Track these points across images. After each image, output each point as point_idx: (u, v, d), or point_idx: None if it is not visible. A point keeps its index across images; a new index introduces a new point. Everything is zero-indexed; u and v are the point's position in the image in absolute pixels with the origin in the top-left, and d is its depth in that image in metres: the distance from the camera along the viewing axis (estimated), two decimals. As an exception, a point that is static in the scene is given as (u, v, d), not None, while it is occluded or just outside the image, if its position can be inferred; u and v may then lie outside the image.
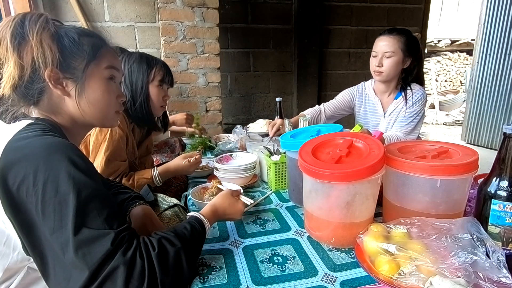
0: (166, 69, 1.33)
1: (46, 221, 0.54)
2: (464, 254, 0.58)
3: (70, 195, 0.54)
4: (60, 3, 2.52)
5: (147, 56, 1.30)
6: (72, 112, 0.71)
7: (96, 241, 0.54)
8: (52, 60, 0.64)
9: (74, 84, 0.68)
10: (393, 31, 1.48)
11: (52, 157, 0.57)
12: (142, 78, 1.26)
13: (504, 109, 4.28)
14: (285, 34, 3.30)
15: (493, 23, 4.37)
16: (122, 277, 0.54)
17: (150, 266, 0.57)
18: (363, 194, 0.75)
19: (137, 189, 1.21)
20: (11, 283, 0.63)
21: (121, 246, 0.56)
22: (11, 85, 0.63)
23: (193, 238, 0.68)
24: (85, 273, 0.53)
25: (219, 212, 0.82)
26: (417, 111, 1.50)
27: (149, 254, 0.58)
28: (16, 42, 0.62)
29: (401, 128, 1.51)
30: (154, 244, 0.60)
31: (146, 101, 1.28)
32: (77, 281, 0.54)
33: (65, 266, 0.55)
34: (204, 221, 0.74)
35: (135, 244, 0.58)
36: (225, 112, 3.20)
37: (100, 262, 0.53)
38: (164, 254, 0.60)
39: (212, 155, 1.71)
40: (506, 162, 0.68)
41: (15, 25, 0.62)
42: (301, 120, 1.39)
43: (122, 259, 0.54)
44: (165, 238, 0.62)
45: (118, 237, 0.56)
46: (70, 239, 0.53)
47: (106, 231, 0.55)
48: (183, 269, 0.62)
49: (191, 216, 0.75)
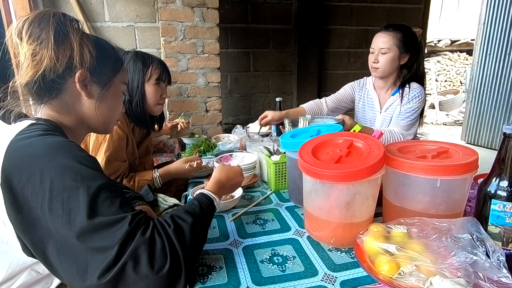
0: (163, 67, 1.32)
1: (54, 216, 0.54)
2: (464, 254, 0.58)
3: (80, 190, 0.55)
4: (60, 3, 2.52)
5: (142, 54, 1.29)
6: (85, 113, 0.74)
7: (115, 224, 0.55)
8: (88, 63, 0.68)
9: (98, 88, 0.73)
10: (389, 27, 1.49)
11: (57, 155, 0.58)
12: (138, 77, 1.25)
13: (504, 109, 4.28)
14: (285, 34, 3.30)
15: (493, 23, 4.37)
16: (145, 255, 0.55)
17: (170, 243, 0.58)
18: (363, 194, 0.75)
19: (138, 190, 1.22)
20: (13, 283, 0.63)
21: (139, 227, 0.57)
22: (36, 75, 0.64)
23: (203, 212, 0.71)
24: (107, 255, 0.53)
25: (223, 181, 0.86)
26: (414, 108, 1.50)
27: (166, 231, 0.60)
28: (59, 38, 0.65)
29: (397, 124, 1.51)
30: (169, 222, 0.62)
31: (142, 100, 1.27)
32: (97, 266, 0.54)
33: (80, 256, 0.55)
34: (211, 195, 0.77)
35: (152, 224, 0.59)
36: (225, 112, 3.20)
37: (121, 243, 0.54)
38: (180, 230, 0.62)
39: (212, 155, 1.71)
40: (506, 162, 0.68)
41: (57, 22, 0.65)
42: (301, 120, 1.39)
43: (142, 238, 0.56)
44: (177, 216, 0.65)
45: (135, 219, 0.57)
46: (87, 227, 0.54)
47: (122, 215, 0.57)
48: (200, 241, 0.66)
49: (198, 193, 0.79)
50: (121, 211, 0.57)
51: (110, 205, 0.57)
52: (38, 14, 0.65)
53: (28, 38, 0.63)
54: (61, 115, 0.71)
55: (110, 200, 0.57)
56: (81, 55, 0.67)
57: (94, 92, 0.72)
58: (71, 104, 0.71)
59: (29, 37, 0.63)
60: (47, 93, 0.68)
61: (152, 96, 1.30)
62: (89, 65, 0.68)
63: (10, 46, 0.67)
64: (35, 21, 0.64)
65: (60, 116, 0.71)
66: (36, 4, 2.38)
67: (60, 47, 0.65)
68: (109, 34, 2.64)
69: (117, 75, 0.77)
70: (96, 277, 0.53)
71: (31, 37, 0.63)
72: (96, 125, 0.77)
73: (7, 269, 0.61)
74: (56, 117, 0.71)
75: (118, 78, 0.77)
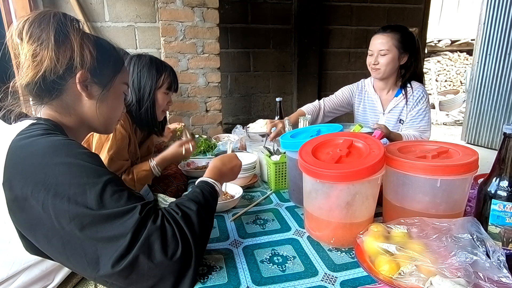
0: (173, 76, 1.33)
1: (59, 212, 0.54)
2: (464, 254, 0.58)
3: (87, 186, 0.55)
4: (60, 3, 2.52)
5: (156, 61, 1.29)
6: (85, 113, 0.73)
7: (126, 214, 0.56)
8: (88, 63, 0.68)
9: (99, 89, 0.73)
10: (387, 29, 1.49)
11: (60, 153, 0.58)
12: (151, 84, 1.25)
13: (504, 109, 4.28)
14: (285, 34, 3.30)
15: (493, 23, 4.37)
16: (158, 242, 0.56)
17: (180, 229, 0.60)
18: (363, 194, 0.75)
19: (138, 182, 1.23)
20: (14, 281, 0.63)
21: (149, 216, 0.58)
22: (37, 76, 0.64)
23: (206, 198, 0.71)
24: (120, 243, 0.54)
25: (219, 167, 0.86)
26: (423, 108, 1.51)
27: (174, 218, 0.61)
28: (59, 39, 0.64)
29: (414, 128, 1.51)
30: (176, 210, 0.63)
31: (152, 106, 1.28)
32: (110, 255, 0.54)
33: (89, 249, 0.55)
34: (212, 181, 0.78)
35: (161, 213, 0.60)
36: (225, 112, 3.20)
37: (134, 231, 0.55)
38: (187, 216, 0.63)
39: (212, 155, 1.71)
40: (506, 162, 0.68)
41: (57, 22, 0.65)
42: (301, 120, 1.39)
43: (153, 226, 0.57)
44: (181, 203, 0.66)
45: (144, 208, 0.58)
46: (98, 218, 0.54)
47: (132, 205, 0.57)
48: (207, 225, 0.67)
49: (198, 181, 0.79)
50: (130, 203, 0.58)
51: (119, 199, 0.57)
52: (38, 14, 0.65)
53: (29, 38, 0.63)
54: (62, 115, 0.71)
55: (118, 194, 0.58)
56: (82, 55, 0.67)
57: (94, 92, 0.72)
58: (72, 104, 0.71)
59: (29, 38, 0.63)
60: (47, 94, 0.68)
61: (161, 104, 1.30)
62: (89, 65, 0.68)
63: (11, 47, 0.67)
64: (35, 21, 0.64)
65: (60, 116, 0.71)
66: (36, 4, 2.38)
67: (61, 47, 0.65)
68: (109, 34, 2.64)
69: (118, 75, 0.76)
70: (109, 266, 0.54)
71: (31, 38, 0.63)
72: (97, 125, 0.77)
73: (9, 267, 0.62)
74: (56, 117, 0.71)
75: (118, 79, 0.77)
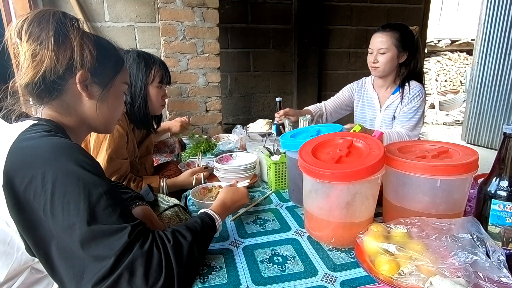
0: (164, 69, 1.31)
1: (56, 220, 0.54)
2: (464, 254, 0.58)
3: (81, 196, 0.55)
4: (60, 3, 2.52)
5: (144, 55, 1.27)
6: (86, 113, 0.73)
7: (114, 234, 0.55)
8: (89, 63, 0.67)
9: (99, 89, 0.72)
10: (386, 28, 1.50)
11: (60, 158, 0.57)
12: (141, 80, 1.24)
13: (504, 109, 4.28)
14: (285, 34, 3.30)
15: (493, 23, 4.38)
16: (141, 268, 0.55)
17: (167, 258, 0.59)
18: (363, 194, 0.75)
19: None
20: (13, 283, 0.63)
21: (138, 239, 0.57)
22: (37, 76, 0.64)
23: (204, 232, 0.71)
24: (104, 264, 0.54)
25: (227, 203, 0.87)
26: (416, 107, 1.51)
27: (165, 246, 0.60)
28: (59, 38, 0.64)
29: (402, 125, 1.52)
30: (169, 237, 0.62)
31: (145, 103, 1.26)
32: (93, 274, 0.54)
33: (77, 261, 0.55)
34: (214, 216, 0.78)
35: (151, 237, 0.59)
36: (225, 112, 3.20)
37: (119, 254, 0.54)
38: (179, 247, 0.62)
39: (212, 155, 1.71)
40: (506, 162, 0.68)
41: (57, 21, 0.64)
42: (301, 120, 1.39)
43: (140, 251, 0.56)
44: (178, 231, 0.65)
45: (134, 230, 0.57)
46: (87, 234, 0.54)
47: (122, 225, 0.57)
48: (195, 261, 0.66)
49: (202, 212, 0.79)
50: (121, 221, 0.57)
51: (111, 213, 0.56)
52: (38, 14, 0.64)
53: (28, 38, 0.63)
54: (62, 115, 0.71)
55: (111, 208, 0.57)
56: (82, 55, 0.66)
57: (95, 92, 0.72)
58: (72, 104, 0.71)
59: (29, 37, 0.63)
60: (47, 94, 0.67)
61: (156, 99, 1.29)
62: (89, 65, 0.67)
63: (10, 46, 0.66)
64: (34, 20, 0.63)
65: (61, 116, 0.71)
66: (36, 3, 2.38)
67: (60, 47, 0.64)
68: (109, 34, 2.63)
69: (118, 75, 0.76)
70: (90, 285, 0.54)
71: (31, 37, 0.63)
72: (97, 125, 0.77)
73: (10, 268, 0.61)
74: (57, 117, 0.70)
75: (119, 78, 0.76)
